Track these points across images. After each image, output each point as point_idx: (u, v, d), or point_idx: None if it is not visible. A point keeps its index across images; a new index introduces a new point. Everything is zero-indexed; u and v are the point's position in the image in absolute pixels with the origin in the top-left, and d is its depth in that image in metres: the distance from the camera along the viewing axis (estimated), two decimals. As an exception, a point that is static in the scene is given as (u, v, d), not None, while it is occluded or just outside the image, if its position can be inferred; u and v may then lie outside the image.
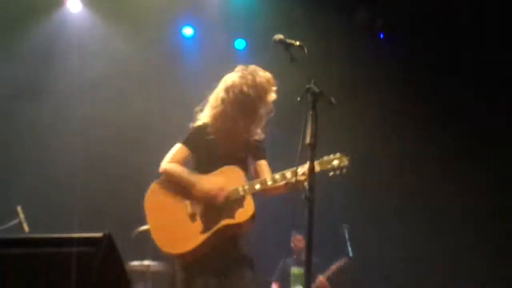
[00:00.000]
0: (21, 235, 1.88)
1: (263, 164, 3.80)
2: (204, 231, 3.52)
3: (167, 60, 7.71)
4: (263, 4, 7.68)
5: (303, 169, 3.37)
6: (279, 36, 3.35)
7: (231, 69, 3.73)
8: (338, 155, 3.63)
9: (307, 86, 3.12)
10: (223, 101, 3.67)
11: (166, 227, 3.56)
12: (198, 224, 3.54)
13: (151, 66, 7.47)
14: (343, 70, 7.55)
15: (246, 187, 3.57)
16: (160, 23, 7.62)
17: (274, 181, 3.58)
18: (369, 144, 7.81)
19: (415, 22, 7.82)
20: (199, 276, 3.52)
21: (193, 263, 3.54)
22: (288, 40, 3.33)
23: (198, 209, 3.59)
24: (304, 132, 3.07)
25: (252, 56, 7.99)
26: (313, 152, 3.08)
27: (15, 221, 5.90)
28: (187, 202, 3.60)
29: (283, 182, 3.58)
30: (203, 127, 3.72)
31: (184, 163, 3.69)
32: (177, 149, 3.70)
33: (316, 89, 3.10)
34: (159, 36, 7.68)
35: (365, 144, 7.78)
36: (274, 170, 3.74)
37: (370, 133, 7.88)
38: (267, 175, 3.69)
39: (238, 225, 3.53)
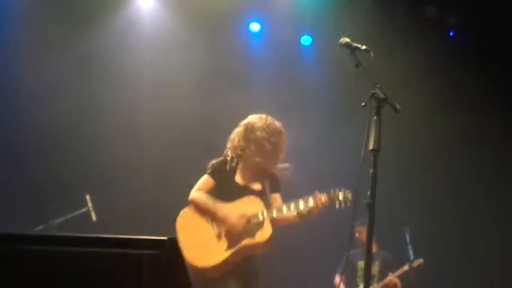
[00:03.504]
0: (87, 235, 1.94)
1: (277, 197, 4.31)
2: (228, 248, 4.07)
3: (234, 56, 7.75)
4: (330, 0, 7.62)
5: (314, 200, 3.98)
6: (345, 40, 3.36)
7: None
8: (343, 190, 4.03)
9: (372, 91, 3.10)
10: (249, 141, 4.21)
11: (196, 245, 4.09)
12: (224, 242, 4.11)
13: (218, 62, 7.51)
14: (408, 69, 7.38)
15: (265, 213, 4.08)
16: (228, 19, 7.65)
17: (289, 209, 4.07)
18: (433, 149, 7.64)
19: (490, 22, 7.51)
20: (220, 280, 4.06)
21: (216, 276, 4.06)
22: (354, 44, 3.34)
23: (223, 230, 4.14)
24: (368, 137, 3.07)
25: (318, 53, 7.94)
26: (376, 158, 3.06)
27: (84, 210, 6.03)
28: (214, 224, 4.17)
29: (296, 212, 4.06)
30: (228, 161, 4.25)
31: (209, 192, 4.25)
32: (204, 180, 4.29)
33: (381, 95, 3.08)
34: (227, 31, 7.71)
35: (428, 148, 7.62)
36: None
37: (434, 137, 7.69)
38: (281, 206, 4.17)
39: (258, 245, 4.07)
